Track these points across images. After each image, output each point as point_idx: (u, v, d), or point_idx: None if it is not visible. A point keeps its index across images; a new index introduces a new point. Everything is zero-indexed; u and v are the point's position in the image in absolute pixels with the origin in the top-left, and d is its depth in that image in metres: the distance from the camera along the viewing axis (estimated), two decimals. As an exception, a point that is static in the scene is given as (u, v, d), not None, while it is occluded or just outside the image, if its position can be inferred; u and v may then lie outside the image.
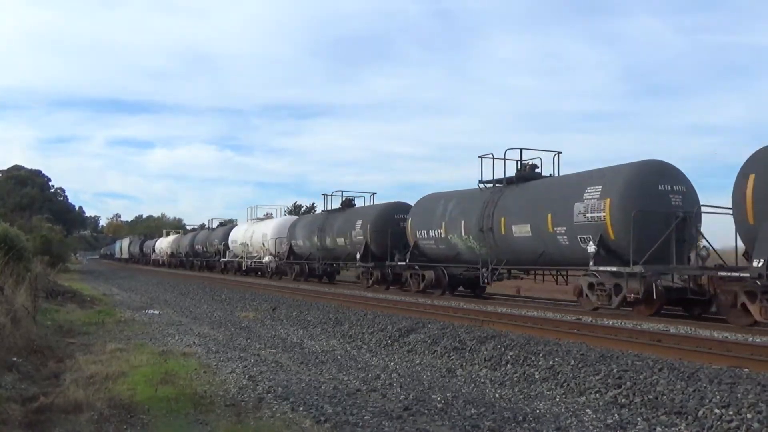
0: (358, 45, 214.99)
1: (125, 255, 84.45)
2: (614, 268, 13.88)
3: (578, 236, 14.94)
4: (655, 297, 13.17)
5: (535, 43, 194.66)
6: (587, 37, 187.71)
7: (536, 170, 18.17)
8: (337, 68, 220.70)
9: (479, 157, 18.60)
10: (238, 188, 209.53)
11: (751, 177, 11.13)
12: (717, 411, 6.02)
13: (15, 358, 8.42)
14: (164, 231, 66.86)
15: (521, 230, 16.79)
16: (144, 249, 72.74)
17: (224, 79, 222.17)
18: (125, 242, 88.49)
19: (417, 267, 21.38)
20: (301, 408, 6.51)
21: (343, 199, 29.39)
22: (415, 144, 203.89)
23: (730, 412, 5.93)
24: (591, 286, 14.76)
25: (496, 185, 18.52)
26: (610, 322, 12.35)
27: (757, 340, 9.90)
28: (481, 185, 19.01)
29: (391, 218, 24.23)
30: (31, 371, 8.14)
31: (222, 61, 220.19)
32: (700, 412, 6.09)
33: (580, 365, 8.01)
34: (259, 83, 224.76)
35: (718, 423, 5.84)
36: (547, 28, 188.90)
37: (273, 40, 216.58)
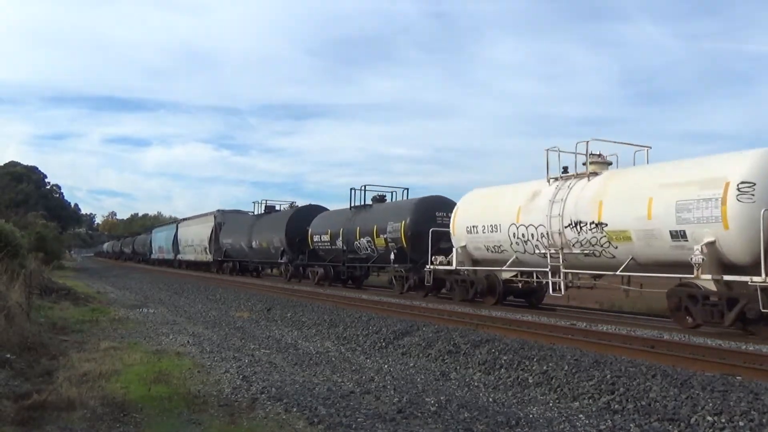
0: (357, 46, 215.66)
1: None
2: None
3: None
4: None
5: (535, 47, 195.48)
6: (587, 41, 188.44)
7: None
8: (335, 69, 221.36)
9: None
10: (234, 187, 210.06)
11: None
12: (709, 418, 6.04)
13: (8, 355, 8.40)
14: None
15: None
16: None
17: (222, 77, 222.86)
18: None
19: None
20: (295, 409, 6.50)
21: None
22: (412, 146, 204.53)
23: (723, 420, 5.95)
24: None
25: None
26: (604, 328, 12.38)
27: (750, 348, 9.93)
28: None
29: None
30: (25, 368, 8.11)
31: (220, 60, 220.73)
32: (693, 419, 6.11)
33: (573, 370, 8.03)
34: (257, 82, 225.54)
35: (711, 430, 5.86)
36: (547, 32, 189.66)
37: (272, 39, 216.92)
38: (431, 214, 21.50)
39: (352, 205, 26.36)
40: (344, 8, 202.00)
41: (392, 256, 22.04)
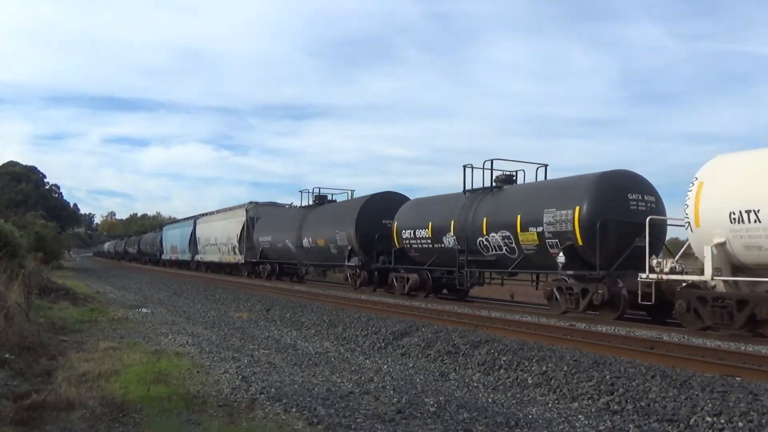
0: (356, 46, 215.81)
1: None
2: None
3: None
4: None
5: (534, 48, 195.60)
6: (586, 42, 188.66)
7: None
8: (335, 69, 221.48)
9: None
10: (233, 188, 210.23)
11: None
12: (708, 419, 6.04)
13: (7, 355, 8.40)
14: None
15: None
16: None
17: (221, 77, 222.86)
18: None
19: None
20: (294, 409, 6.50)
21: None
22: (411, 146, 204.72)
23: (722, 421, 5.95)
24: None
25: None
26: (604, 329, 12.37)
27: (750, 349, 9.93)
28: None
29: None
30: (24, 368, 8.11)
31: (219, 60, 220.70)
32: (692, 420, 6.11)
33: (573, 371, 8.03)
34: (256, 83, 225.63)
35: (710, 431, 5.86)
36: (546, 32, 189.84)
37: (271, 39, 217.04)
38: (621, 197, 14.80)
39: (467, 188, 19.19)
40: (344, 8, 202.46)
41: (561, 259, 14.97)
